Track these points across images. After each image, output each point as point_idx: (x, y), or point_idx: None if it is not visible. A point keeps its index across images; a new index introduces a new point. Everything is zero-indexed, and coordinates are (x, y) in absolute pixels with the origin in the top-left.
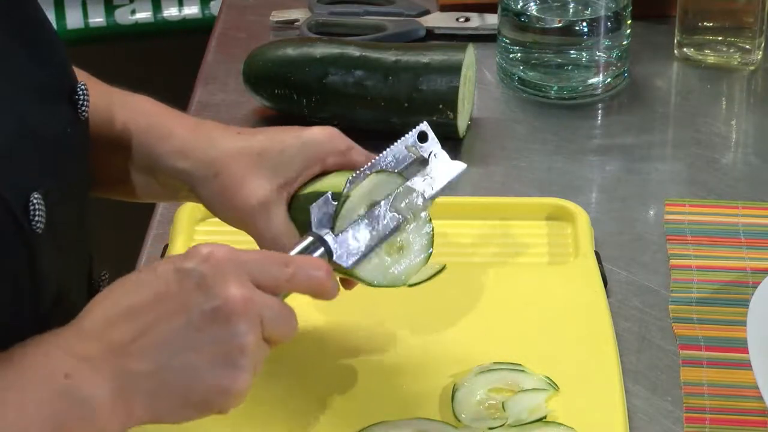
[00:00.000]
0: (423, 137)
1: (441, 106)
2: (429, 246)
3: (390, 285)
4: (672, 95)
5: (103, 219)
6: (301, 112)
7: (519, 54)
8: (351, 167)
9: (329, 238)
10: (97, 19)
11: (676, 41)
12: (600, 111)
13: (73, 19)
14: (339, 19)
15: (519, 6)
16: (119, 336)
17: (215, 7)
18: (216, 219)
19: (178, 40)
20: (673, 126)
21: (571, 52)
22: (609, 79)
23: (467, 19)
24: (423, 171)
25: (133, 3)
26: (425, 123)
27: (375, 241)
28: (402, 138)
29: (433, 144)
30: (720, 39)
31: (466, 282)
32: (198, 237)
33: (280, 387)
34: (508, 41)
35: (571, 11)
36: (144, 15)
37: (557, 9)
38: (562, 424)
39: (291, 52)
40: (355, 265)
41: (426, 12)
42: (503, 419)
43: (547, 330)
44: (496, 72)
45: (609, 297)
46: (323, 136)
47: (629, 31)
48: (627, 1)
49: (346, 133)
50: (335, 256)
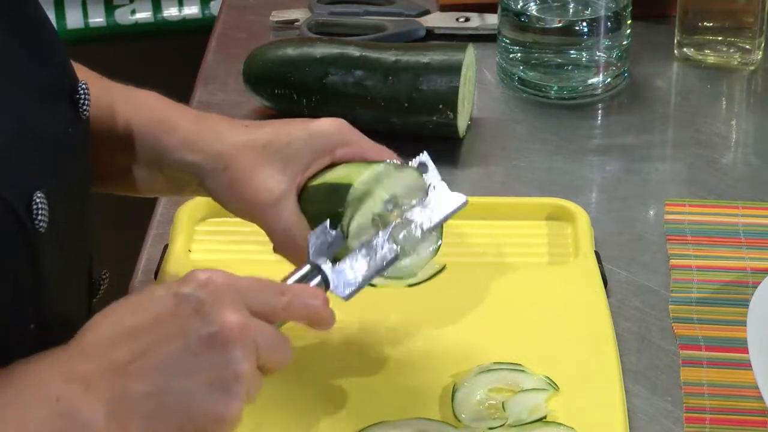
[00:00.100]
0: (423, 168)
1: (441, 106)
2: (434, 253)
3: (391, 283)
4: (672, 95)
5: (103, 219)
6: (301, 112)
7: (519, 54)
8: (360, 158)
9: (327, 267)
10: (97, 19)
11: (676, 41)
12: (600, 111)
13: (73, 19)
14: (339, 19)
15: (519, 6)
16: (120, 355)
17: (215, 7)
18: (216, 219)
19: (178, 40)
20: (673, 126)
21: (571, 52)
22: (609, 79)
23: (467, 19)
24: (422, 202)
25: (133, 3)
26: (425, 153)
27: (372, 273)
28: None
29: (433, 175)
30: (720, 39)
31: (466, 282)
32: (198, 237)
33: (280, 387)
34: (508, 41)
35: (571, 11)
36: (144, 15)
37: (557, 9)
38: (562, 424)
39: (291, 52)
40: (351, 297)
41: (426, 12)
42: (503, 419)
43: (547, 330)
44: (496, 72)
45: (609, 297)
46: (331, 127)
47: (629, 31)
48: (627, 1)
49: None
50: (332, 286)
